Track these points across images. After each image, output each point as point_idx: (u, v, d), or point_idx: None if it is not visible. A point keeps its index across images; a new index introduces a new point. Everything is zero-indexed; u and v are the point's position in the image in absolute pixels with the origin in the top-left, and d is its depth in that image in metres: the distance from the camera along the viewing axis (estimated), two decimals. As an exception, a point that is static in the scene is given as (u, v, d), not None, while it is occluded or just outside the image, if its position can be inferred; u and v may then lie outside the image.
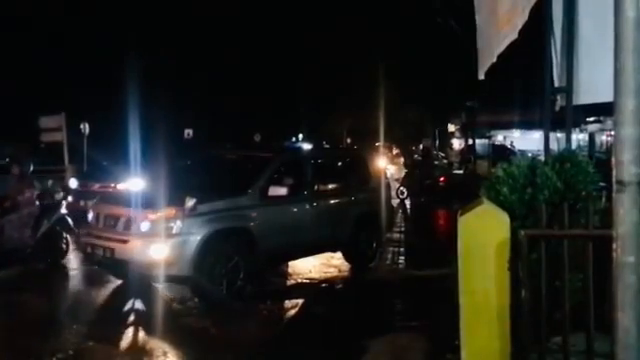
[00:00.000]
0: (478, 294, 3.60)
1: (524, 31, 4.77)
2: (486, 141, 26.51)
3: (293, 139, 34.41)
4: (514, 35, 4.84)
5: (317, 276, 8.73)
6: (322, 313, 7.03)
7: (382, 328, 6.14)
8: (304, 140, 31.59)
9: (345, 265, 9.23)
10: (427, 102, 32.76)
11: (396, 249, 10.71)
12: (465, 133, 29.19)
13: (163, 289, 7.57)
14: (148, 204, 7.26)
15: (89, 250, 7.68)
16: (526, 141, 28.12)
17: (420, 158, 23.51)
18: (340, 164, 10.10)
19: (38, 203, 8.79)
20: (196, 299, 7.25)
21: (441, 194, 17.19)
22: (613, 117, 2.07)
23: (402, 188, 18.59)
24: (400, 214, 15.67)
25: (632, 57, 1.99)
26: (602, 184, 4.04)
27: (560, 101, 5.02)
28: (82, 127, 16.39)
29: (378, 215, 9.52)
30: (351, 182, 9.52)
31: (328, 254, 9.30)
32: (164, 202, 7.14)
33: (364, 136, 31.75)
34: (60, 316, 6.79)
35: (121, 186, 12.12)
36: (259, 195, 7.79)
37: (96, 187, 12.65)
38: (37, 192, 8.84)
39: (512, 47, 5.07)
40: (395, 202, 15.08)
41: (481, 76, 5.92)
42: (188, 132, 21.92)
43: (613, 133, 2.14)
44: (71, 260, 9.20)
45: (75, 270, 8.89)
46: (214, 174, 8.52)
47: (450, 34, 21.61)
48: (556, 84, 4.99)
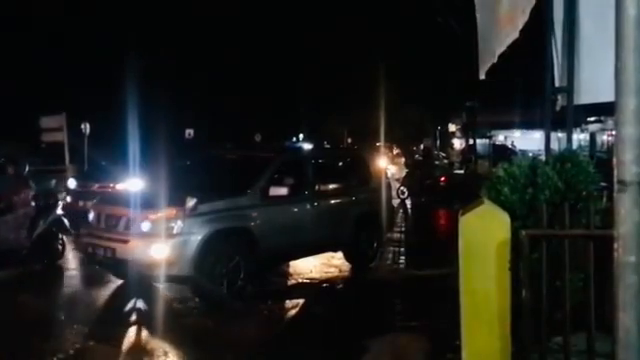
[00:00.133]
0: (479, 294, 3.59)
1: (525, 31, 4.77)
2: (487, 141, 26.58)
3: (293, 139, 34.39)
4: (515, 34, 4.84)
5: (318, 276, 8.72)
6: (322, 313, 7.02)
7: (383, 328, 6.13)
8: (304, 140, 31.57)
9: (346, 265, 9.23)
10: (427, 102, 32.77)
11: (397, 249, 10.70)
12: (466, 133, 29.26)
13: (164, 289, 7.57)
14: (149, 204, 7.27)
15: (90, 250, 7.67)
16: (527, 141, 28.22)
17: (421, 158, 23.57)
18: (341, 164, 10.11)
19: (34, 204, 8.73)
20: (197, 299, 7.24)
21: (442, 194, 17.26)
22: (614, 117, 2.07)
23: (403, 188, 18.59)
24: (401, 214, 15.67)
25: (633, 56, 1.99)
26: (603, 184, 4.03)
27: (561, 101, 5.01)
28: (83, 127, 16.36)
29: (379, 215, 9.52)
30: (352, 182, 9.52)
31: (329, 254, 9.29)
32: (165, 202, 7.14)
33: (365, 136, 31.70)
34: (60, 316, 6.77)
35: (121, 186, 12.10)
36: (260, 195, 7.79)
37: (96, 187, 12.62)
38: (33, 193, 8.77)
39: (513, 47, 5.07)
40: (396, 202, 15.09)
41: (482, 76, 5.91)
42: (189, 132, 21.87)
43: (614, 133, 2.14)
44: (67, 261, 9.18)
45: (72, 271, 8.88)
46: (215, 174, 8.52)
47: (450, 34, 21.65)
48: (557, 84, 4.98)
